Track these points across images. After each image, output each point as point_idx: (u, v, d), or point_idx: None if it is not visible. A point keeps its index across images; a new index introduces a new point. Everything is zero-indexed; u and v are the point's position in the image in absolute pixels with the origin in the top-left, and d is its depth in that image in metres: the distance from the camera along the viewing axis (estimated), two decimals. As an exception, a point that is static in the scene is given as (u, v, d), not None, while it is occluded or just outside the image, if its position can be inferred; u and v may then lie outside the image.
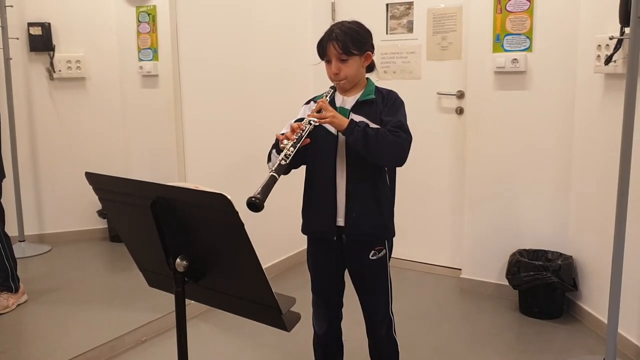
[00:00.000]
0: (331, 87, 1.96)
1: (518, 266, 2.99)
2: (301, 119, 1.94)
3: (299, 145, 1.76)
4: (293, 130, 1.79)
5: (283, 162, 1.71)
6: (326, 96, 1.93)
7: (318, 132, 1.83)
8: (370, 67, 2.00)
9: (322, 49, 1.90)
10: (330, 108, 1.85)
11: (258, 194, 1.59)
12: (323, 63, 1.95)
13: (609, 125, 2.60)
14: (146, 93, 3.40)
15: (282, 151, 1.74)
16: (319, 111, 1.83)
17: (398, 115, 1.90)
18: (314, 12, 3.83)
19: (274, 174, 1.67)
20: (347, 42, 1.85)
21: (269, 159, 1.93)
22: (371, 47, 1.95)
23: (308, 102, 2.05)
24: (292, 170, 1.87)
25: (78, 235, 3.65)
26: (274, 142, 1.90)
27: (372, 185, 1.93)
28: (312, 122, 1.80)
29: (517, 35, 3.09)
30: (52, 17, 3.39)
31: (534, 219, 3.19)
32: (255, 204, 1.57)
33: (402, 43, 3.67)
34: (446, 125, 3.57)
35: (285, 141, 1.77)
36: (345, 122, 1.82)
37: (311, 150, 1.87)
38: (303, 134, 1.78)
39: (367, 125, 1.84)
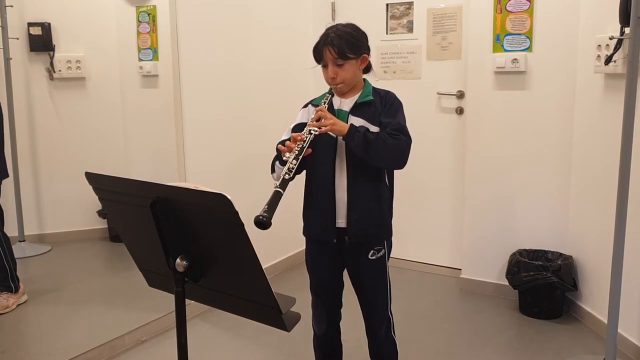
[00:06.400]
0: (329, 92, 1.96)
1: (518, 266, 2.99)
2: (300, 124, 1.94)
3: (301, 157, 1.76)
4: (294, 141, 1.79)
5: (287, 177, 1.71)
6: (324, 102, 1.92)
7: (318, 136, 1.83)
8: (367, 69, 2.00)
9: (318, 53, 1.90)
10: (330, 115, 1.85)
11: (265, 212, 1.58)
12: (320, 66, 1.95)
13: (609, 125, 2.60)
14: (146, 93, 3.40)
15: (285, 164, 1.74)
16: (318, 120, 1.83)
17: (397, 117, 1.90)
18: (314, 12, 3.83)
19: (279, 189, 1.66)
20: (342, 47, 1.85)
21: (273, 170, 1.93)
22: (367, 50, 1.95)
23: (306, 106, 2.04)
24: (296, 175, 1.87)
25: (78, 235, 3.66)
26: (275, 153, 1.90)
27: (373, 186, 1.93)
28: (312, 131, 1.80)
29: (517, 35, 3.09)
30: (52, 17, 3.39)
31: (533, 219, 3.19)
32: (263, 222, 1.56)
33: (402, 43, 3.67)
34: (446, 125, 3.57)
35: (287, 154, 1.77)
36: (345, 127, 1.82)
37: (311, 153, 1.87)
38: (304, 145, 1.78)
39: (367, 130, 1.84)
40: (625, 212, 2.24)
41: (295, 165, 1.74)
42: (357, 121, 1.89)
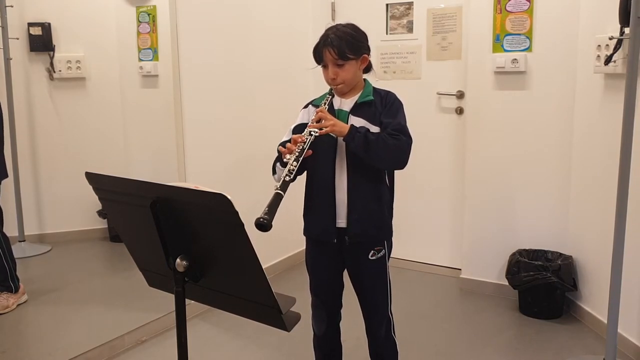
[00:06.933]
0: (329, 92, 1.96)
1: (518, 266, 2.99)
2: (301, 125, 1.94)
3: (301, 158, 1.76)
4: (295, 143, 1.79)
5: (287, 179, 1.71)
6: (324, 103, 1.92)
7: (318, 137, 1.83)
8: (367, 69, 2.00)
9: (318, 54, 1.90)
10: (330, 116, 1.85)
11: (265, 214, 1.58)
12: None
13: (609, 125, 2.60)
14: (146, 93, 3.40)
15: (286, 165, 1.74)
16: (318, 121, 1.83)
17: (398, 117, 1.90)
18: (314, 12, 3.83)
19: (280, 191, 1.66)
20: (342, 48, 1.85)
21: (274, 171, 1.93)
22: (367, 50, 1.95)
23: (306, 106, 2.04)
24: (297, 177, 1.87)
25: (78, 235, 3.66)
26: (276, 154, 1.90)
27: (373, 186, 1.93)
28: (312, 133, 1.80)
29: (517, 35, 3.09)
30: (52, 17, 3.39)
31: (533, 219, 3.19)
32: (264, 225, 1.57)
33: (402, 43, 3.67)
34: (446, 125, 3.57)
35: (288, 155, 1.77)
36: (345, 128, 1.82)
37: (311, 154, 1.86)
38: (305, 146, 1.78)
39: (368, 130, 1.84)
40: (625, 212, 2.24)
41: (295, 167, 1.74)
42: (357, 121, 1.89)
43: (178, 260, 1.34)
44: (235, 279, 1.36)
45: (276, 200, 1.64)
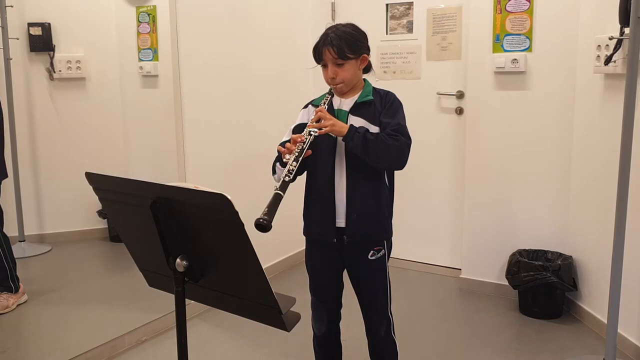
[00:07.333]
0: (329, 92, 1.96)
1: (518, 266, 2.99)
2: (301, 125, 1.94)
3: (301, 158, 1.76)
4: (294, 143, 1.79)
5: (287, 179, 1.71)
6: (324, 103, 1.92)
7: (318, 136, 1.83)
8: (367, 69, 2.00)
9: (318, 54, 1.91)
10: (329, 116, 1.85)
11: (265, 214, 1.58)
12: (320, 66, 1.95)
13: (608, 125, 2.60)
14: (146, 93, 3.40)
15: (285, 165, 1.75)
16: (318, 120, 1.83)
17: (397, 117, 1.90)
18: (314, 13, 3.83)
19: (279, 191, 1.67)
20: (342, 47, 1.85)
21: (274, 172, 1.94)
22: (367, 50, 1.95)
23: (306, 106, 2.04)
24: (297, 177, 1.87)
25: (78, 235, 3.65)
26: (276, 155, 1.90)
27: (372, 186, 1.93)
28: (312, 132, 1.80)
29: (517, 35, 3.09)
30: (52, 17, 3.39)
31: (533, 219, 3.19)
32: (263, 225, 1.57)
33: (402, 43, 3.67)
34: (446, 125, 3.57)
35: (287, 156, 1.77)
36: (345, 128, 1.82)
37: (311, 154, 1.87)
38: (304, 146, 1.78)
39: (367, 130, 1.85)
40: (625, 212, 2.24)
41: (295, 167, 1.74)
42: (357, 121, 1.89)
43: (178, 260, 1.34)
44: (235, 279, 1.36)
45: (276, 200, 1.64)
